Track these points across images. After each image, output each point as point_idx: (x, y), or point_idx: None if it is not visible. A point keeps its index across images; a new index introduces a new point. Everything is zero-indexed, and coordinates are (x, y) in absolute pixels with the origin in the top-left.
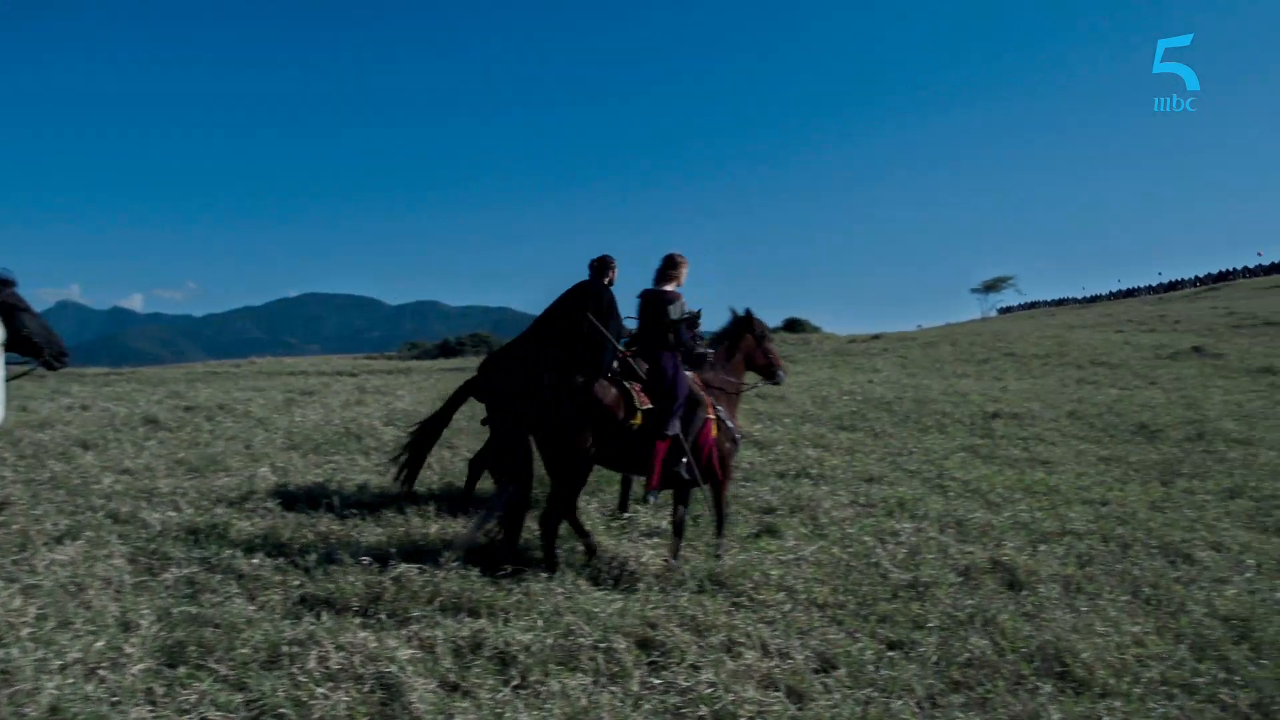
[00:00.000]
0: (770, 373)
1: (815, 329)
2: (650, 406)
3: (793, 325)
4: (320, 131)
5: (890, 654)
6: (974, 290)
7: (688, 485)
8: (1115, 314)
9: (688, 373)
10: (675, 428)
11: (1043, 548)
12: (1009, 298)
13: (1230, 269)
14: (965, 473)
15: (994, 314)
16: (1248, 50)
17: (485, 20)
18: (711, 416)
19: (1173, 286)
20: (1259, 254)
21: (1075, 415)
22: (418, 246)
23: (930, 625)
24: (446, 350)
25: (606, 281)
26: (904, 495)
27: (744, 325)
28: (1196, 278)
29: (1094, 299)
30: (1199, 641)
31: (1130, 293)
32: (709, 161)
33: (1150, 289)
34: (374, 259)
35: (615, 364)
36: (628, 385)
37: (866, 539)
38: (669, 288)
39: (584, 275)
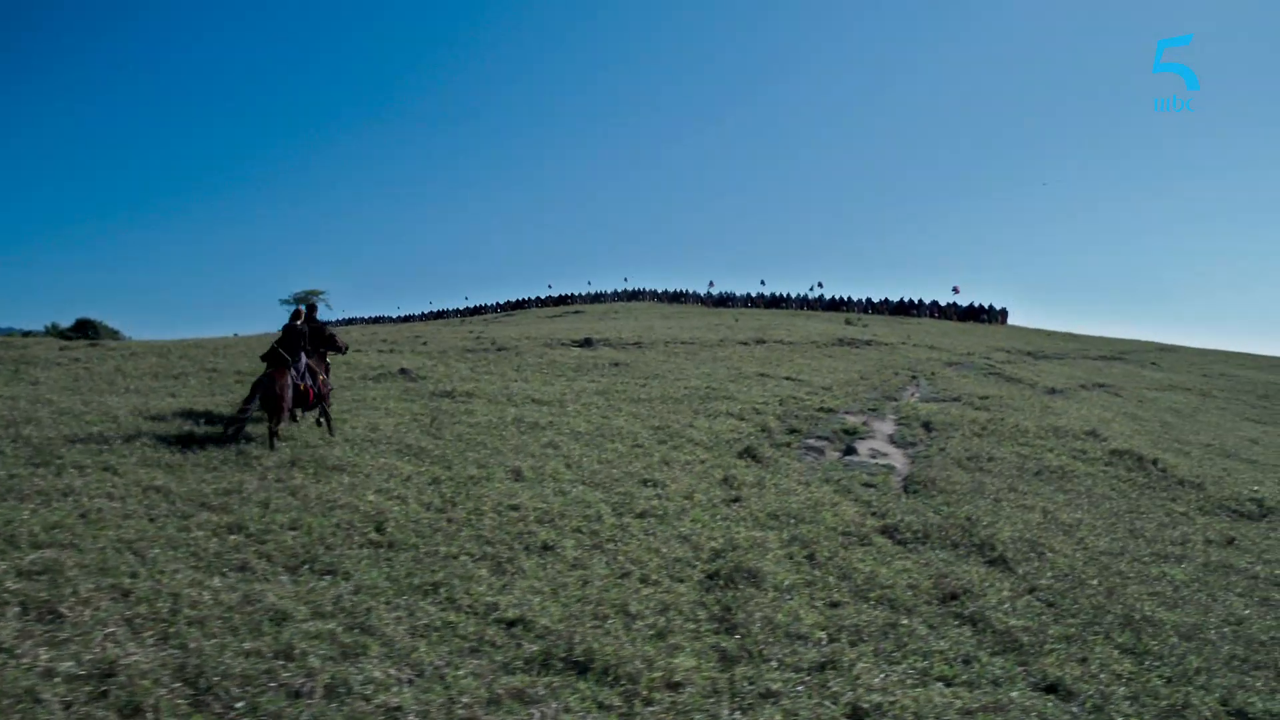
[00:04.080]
0: (337, 348)
1: (113, 333)
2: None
3: (82, 328)
4: None
5: None
6: (284, 301)
7: (321, 405)
8: (393, 333)
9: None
10: (311, 382)
11: None
12: (322, 312)
13: (526, 298)
14: None
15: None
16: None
17: None
18: (324, 376)
19: (477, 311)
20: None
21: None
22: None
23: None
24: None
25: (302, 321)
26: None
27: (322, 336)
28: (498, 304)
29: (409, 318)
30: None
31: (440, 314)
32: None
33: (457, 312)
34: None
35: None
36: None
37: None
38: (299, 323)
39: None
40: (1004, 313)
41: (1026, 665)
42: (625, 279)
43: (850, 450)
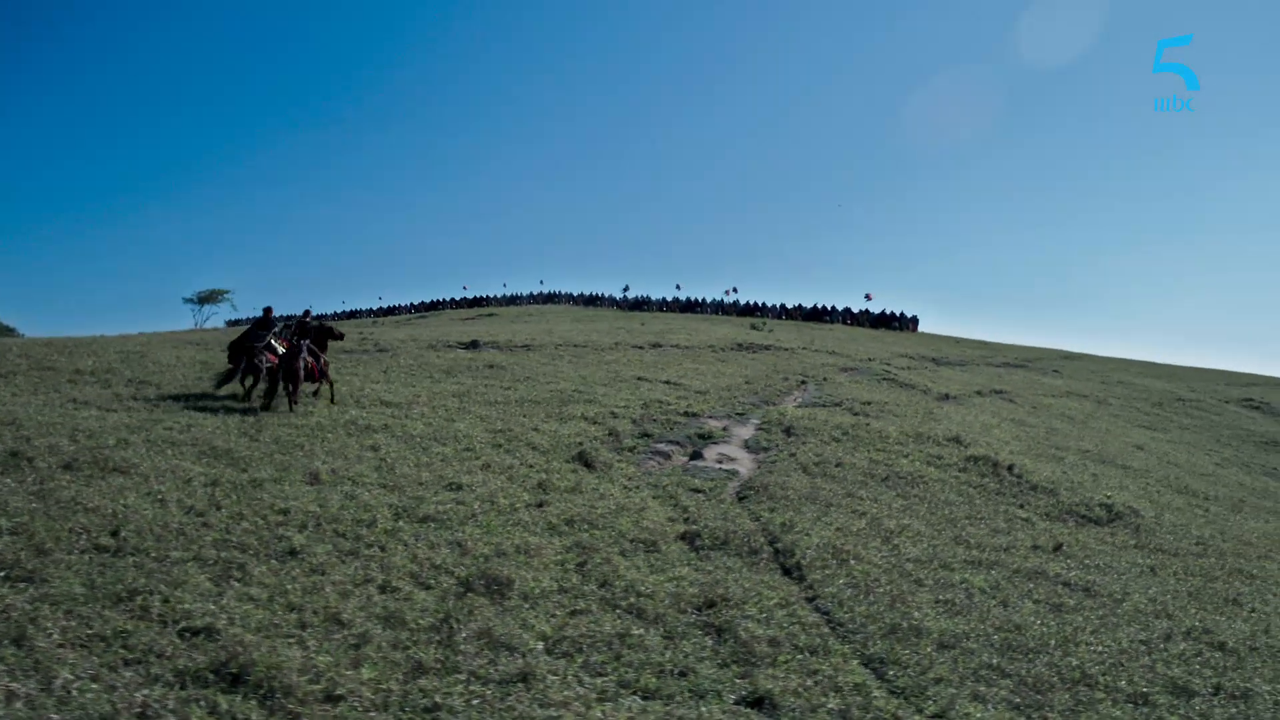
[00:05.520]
0: (335, 337)
1: (8, 329)
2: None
3: None
4: None
5: None
6: (187, 300)
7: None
8: None
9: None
10: (316, 361)
11: None
12: (226, 311)
13: (441, 299)
14: None
15: (221, 325)
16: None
17: None
18: (325, 358)
19: (390, 311)
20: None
21: None
22: None
23: None
24: None
25: (273, 314)
26: None
27: (324, 330)
28: (412, 305)
29: (320, 318)
30: None
31: (353, 314)
32: None
33: (370, 312)
34: None
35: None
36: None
37: None
38: (308, 320)
39: None
40: (915, 320)
41: (748, 677)
42: (541, 281)
43: (697, 455)
